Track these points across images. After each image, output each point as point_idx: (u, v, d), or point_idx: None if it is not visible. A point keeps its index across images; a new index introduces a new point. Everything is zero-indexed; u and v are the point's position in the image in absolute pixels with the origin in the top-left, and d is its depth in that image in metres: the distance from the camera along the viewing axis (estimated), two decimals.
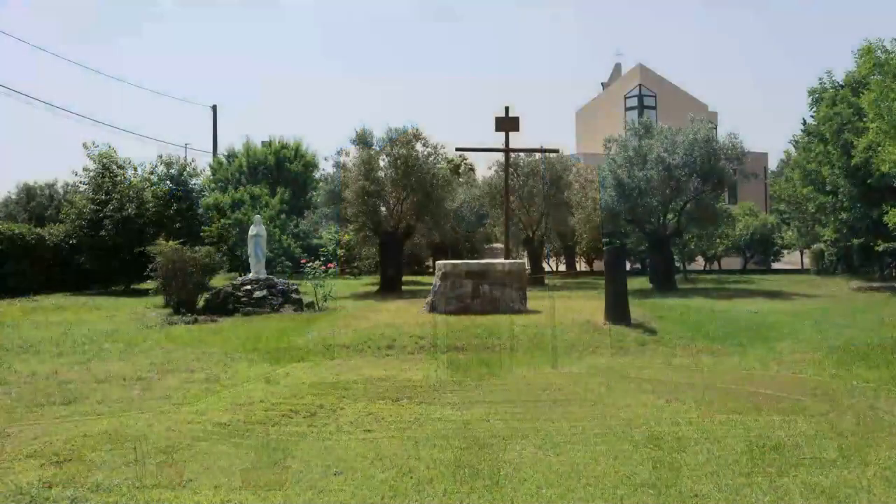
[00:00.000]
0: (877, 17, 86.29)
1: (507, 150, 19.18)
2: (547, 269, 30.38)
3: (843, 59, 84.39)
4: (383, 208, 20.71)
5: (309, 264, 15.88)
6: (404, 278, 22.26)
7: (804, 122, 24.45)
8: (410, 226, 20.76)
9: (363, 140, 20.52)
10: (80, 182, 22.63)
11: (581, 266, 32.35)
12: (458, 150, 25.29)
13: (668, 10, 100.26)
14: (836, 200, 19.93)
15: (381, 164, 20.35)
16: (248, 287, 14.78)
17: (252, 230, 15.91)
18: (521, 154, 23.33)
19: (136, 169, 22.99)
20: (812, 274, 27.06)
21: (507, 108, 18.36)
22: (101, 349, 9.79)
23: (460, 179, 27.41)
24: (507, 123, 18.39)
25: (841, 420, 5.75)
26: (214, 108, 40.80)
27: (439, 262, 12.91)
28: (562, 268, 32.93)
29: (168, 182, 23.18)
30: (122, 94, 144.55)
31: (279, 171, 32.99)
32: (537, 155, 23.54)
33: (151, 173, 23.31)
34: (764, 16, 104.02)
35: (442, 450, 5.05)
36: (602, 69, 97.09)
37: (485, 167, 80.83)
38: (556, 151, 21.28)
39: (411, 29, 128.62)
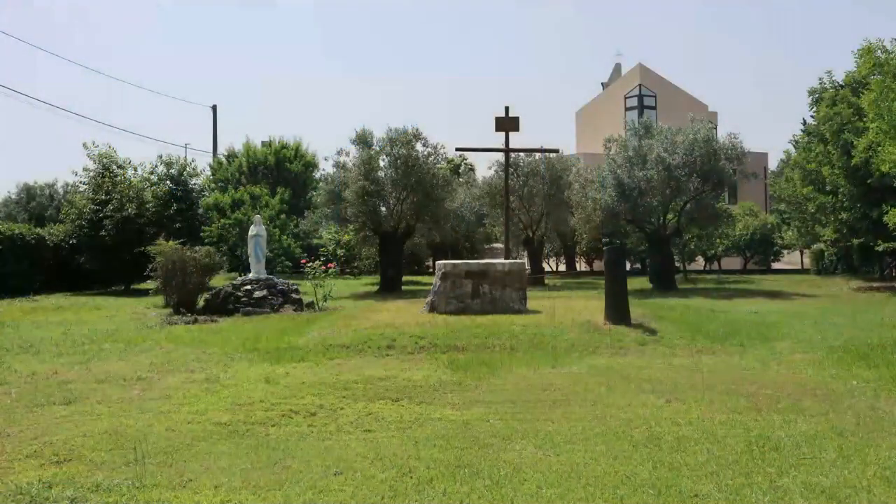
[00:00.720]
0: (877, 17, 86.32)
1: (507, 150, 19.19)
2: (547, 269, 30.40)
3: (843, 59, 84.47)
4: (383, 208, 20.72)
5: (309, 264, 15.88)
6: (404, 278, 22.27)
7: (804, 122, 24.45)
8: (410, 226, 20.76)
9: (363, 140, 20.53)
10: (80, 182, 22.68)
11: (581, 266, 32.35)
12: (458, 150, 25.40)
13: (668, 10, 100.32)
14: (836, 200, 19.91)
15: (381, 164, 20.37)
16: (248, 287, 14.79)
17: (252, 230, 15.92)
18: (521, 154, 23.34)
19: (136, 169, 23.06)
20: (812, 274, 27.07)
21: (507, 108, 18.37)
22: (101, 349, 9.79)
23: (460, 179, 27.42)
24: (507, 123, 18.40)
25: (841, 420, 5.75)
26: (214, 108, 40.88)
27: (439, 262, 12.90)
28: (562, 268, 32.94)
29: (168, 182, 23.22)
30: (122, 94, 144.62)
31: (279, 171, 33.00)
32: (537, 155, 23.56)
33: (151, 173, 23.35)
34: (764, 15, 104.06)
35: (442, 450, 5.05)
36: (602, 69, 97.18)
37: (485, 167, 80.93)
38: (556, 151, 21.28)
39: (411, 29, 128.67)
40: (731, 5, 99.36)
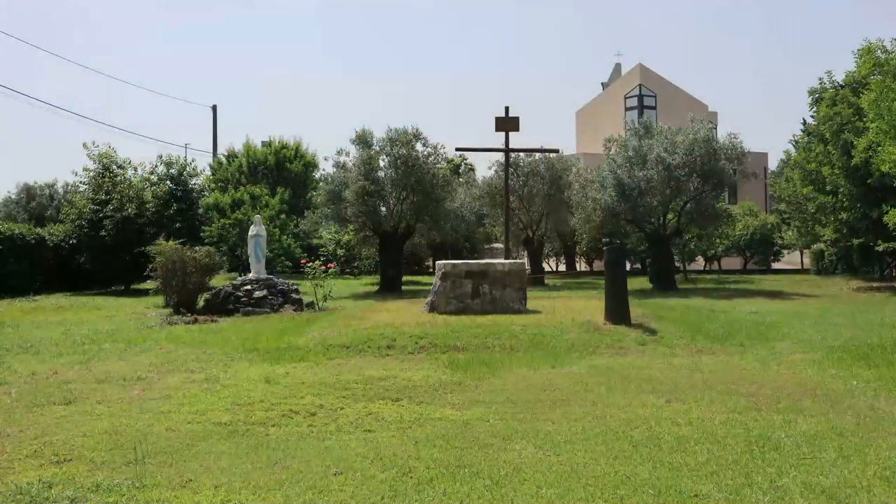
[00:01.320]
0: (877, 17, 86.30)
1: (507, 150, 19.17)
2: (547, 269, 30.40)
3: (843, 59, 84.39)
4: (383, 208, 20.71)
5: (309, 264, 15.88)
6: (404, 278, 22.26)
7: (804, 122, 24.43)
8: (410, 226, 20.76)
9: (363, 140, 20.53)
10: (80, 182, 22.68)
11: (581, 266, 32.35)
12: (458, 150, 25.38)
13: (668, 10, 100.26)
14: (836, 200, 19.90)
15: (381, 164, 20.37)
16: (248, 287, 14.79)
17: (252, 230, 15.92)
18: (521, 154, 23.33)
19: (136, 169, 23.05)
20: (812, 274, 27.07)
21: (507, 108, 18.35)
22: (101, 349, 9.80)
23: (460, 179, 27.40)
24: (507, 123, 18.37)
25: (841, 420, 5.75)
26: (214, 108, 40.89)
27: (439, 262, 12.90)
28: (562, 268, 32.93)
29: (168, 182, 23.22)
30: (122, 94, 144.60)
31: (279, 171, 33.00)
32: (537, 155, 23.54)
33: (151, 173, 23.36)
34: (764, 15, 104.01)
35: (442, 450, 5.05)
36: (602, 69, 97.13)
37: (485, 167, 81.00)
38: (556, 151, 21.27)
39: (411, 29, 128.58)
40: (731, 5, 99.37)
